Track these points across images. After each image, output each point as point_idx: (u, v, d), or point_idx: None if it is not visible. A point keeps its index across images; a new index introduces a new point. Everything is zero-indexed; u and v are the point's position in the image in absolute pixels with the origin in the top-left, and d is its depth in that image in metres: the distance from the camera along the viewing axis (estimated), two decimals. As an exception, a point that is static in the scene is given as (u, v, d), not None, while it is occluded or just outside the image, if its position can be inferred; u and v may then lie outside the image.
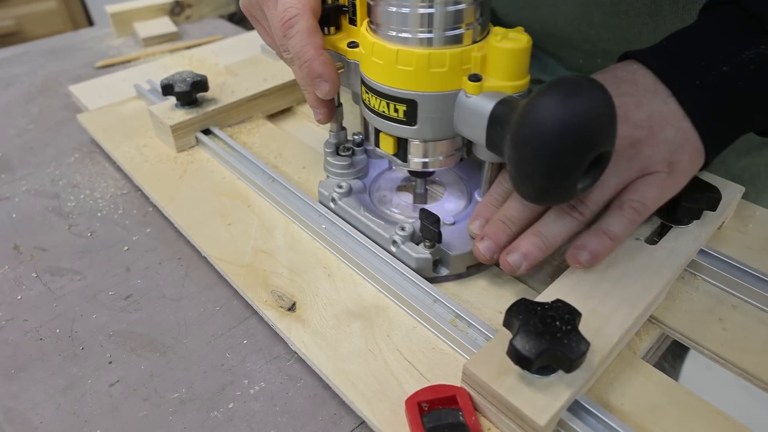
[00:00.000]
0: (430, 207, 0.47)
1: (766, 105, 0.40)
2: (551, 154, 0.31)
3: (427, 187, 0.49)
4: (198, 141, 0.60)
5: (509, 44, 0.37)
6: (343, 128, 0.51)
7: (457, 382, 0.36)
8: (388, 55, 0.38)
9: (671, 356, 0.69)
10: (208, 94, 0.62)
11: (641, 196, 0.39)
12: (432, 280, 0.43)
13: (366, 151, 0.53)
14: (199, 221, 0.50)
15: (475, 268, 0.44)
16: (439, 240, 0.42)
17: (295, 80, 0.65)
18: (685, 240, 0.42)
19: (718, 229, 0.46)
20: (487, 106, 0.37)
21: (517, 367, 0.32)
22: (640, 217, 0.39)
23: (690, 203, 0.41)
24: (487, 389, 0.33)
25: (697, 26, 0.41)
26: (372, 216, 0.46)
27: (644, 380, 0.36)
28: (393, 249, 0.44)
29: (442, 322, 0.39)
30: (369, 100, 0.42)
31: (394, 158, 0.44)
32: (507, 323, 0.33)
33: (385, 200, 0.50)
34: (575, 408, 0.33)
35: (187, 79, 0.59)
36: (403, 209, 0.49)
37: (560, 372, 0.32)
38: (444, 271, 0.44)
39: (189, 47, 0.87)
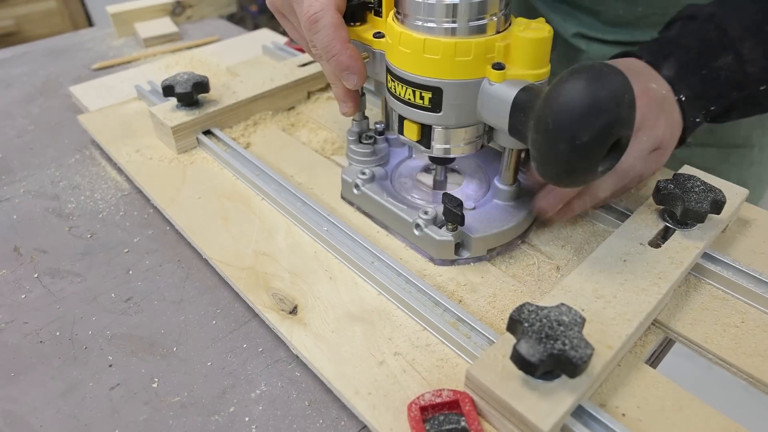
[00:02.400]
0: (451, 193, 0.48)
1: (729, 100, 0.48)
2: (573, 138, 0.32)
3: (447, 174, 0.51)
4: (199, 142, 0.60)
5: (532, 34, 0.38)
6: (366, 117, 0.53)
7: (459, 386, 0.36)
8: (416, 44, 0.40)
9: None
10: (209, 95, 0.62)
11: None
12: (453, 263, 0.45)
13: (387, 140, 0.54)
14: (200, 223, 0.50)
15: (495, 251, 0.46)
16: (462, 223, 0.43)
17: (295, 81, 0.66)
18: (689, 243, 0.42)
19: (722, 232, 0.46)
20: (510, 93, 0.38)
21: (520, 372, 0.32)
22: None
23: (694, 206, 0.41)
24: (490, 394, 0.33)
25: (679, 35, 0.50)
26: (395, 201, 0.48)
27: (648, 385, 0.36)
28: (416, 232, 0.46)
29: (445, 325, 0.39)
30: (395, 88, 0.43)
31: (418, 145, 0.45)
32: (511, 328, 0.33)
33: (406, 187, 0.51)
34: (579, 413, 0.33)
35: (188, 80, 0.59)
36: (423, 195, 0.50)
37: (564, 377, 0.32)
38: (465, 254, 0.45)
39: (190, 48, 0.87)
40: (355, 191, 0.50)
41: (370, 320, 0.41)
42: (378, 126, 0.54)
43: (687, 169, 0.47)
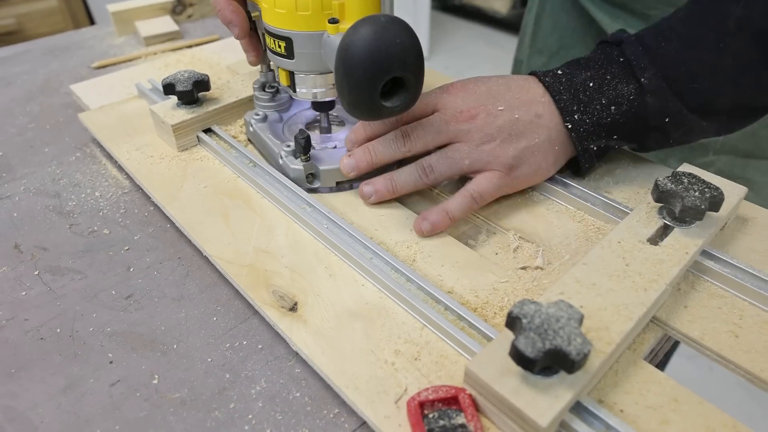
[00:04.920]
0: (327, 135, 0.58)
1: (627, 131, 0.48)
2: (349, 72, 0.40)
3: (330, 121, 0.58)
4: (199, 140, 0.60)
5: None
6: (271, 70, 0.61)
7: (459, 382, 0.36)
8: (270, 0, 0.48)
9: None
10: (209, 93, 0.62)
11: (481, 188, 0.48)
12: (309, 192, 0.52)
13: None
14: (200, 221, 0.50)
15: (346, 183, 0.53)
16: (305, 152, 0.51)
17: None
18: (687, 241, 0.42)
19: (721, 230, 0.46)
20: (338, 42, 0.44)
21: (519, 368, 0.32)
22: (477, 205, 0.49)
23: (692, 204, 0.41)
24: (489, 390, 0.33)
25: (591, 59, 0.49)
26: (273, 137, 0.56)
27: (646, 381, 0.36)
28: (280, 161, 0.53)
29: (444, 322, 0.39)
30: (266, 39, 0.52)
31: (289, 89, 0.53)
32: (509, 324, 0.33)
33: (295, 131, 0.56)
34: (577, 409, 0.33)
35: (189, 78, 0.59)
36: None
37: (562, 373, 0.32)
38: (317, 183, 0.53)
39: (190, 46, 0.87)
40: (250, 129, 0.59)
41: (370, 317, 0.41)
42: None
43: (686, 167, 0.47)
